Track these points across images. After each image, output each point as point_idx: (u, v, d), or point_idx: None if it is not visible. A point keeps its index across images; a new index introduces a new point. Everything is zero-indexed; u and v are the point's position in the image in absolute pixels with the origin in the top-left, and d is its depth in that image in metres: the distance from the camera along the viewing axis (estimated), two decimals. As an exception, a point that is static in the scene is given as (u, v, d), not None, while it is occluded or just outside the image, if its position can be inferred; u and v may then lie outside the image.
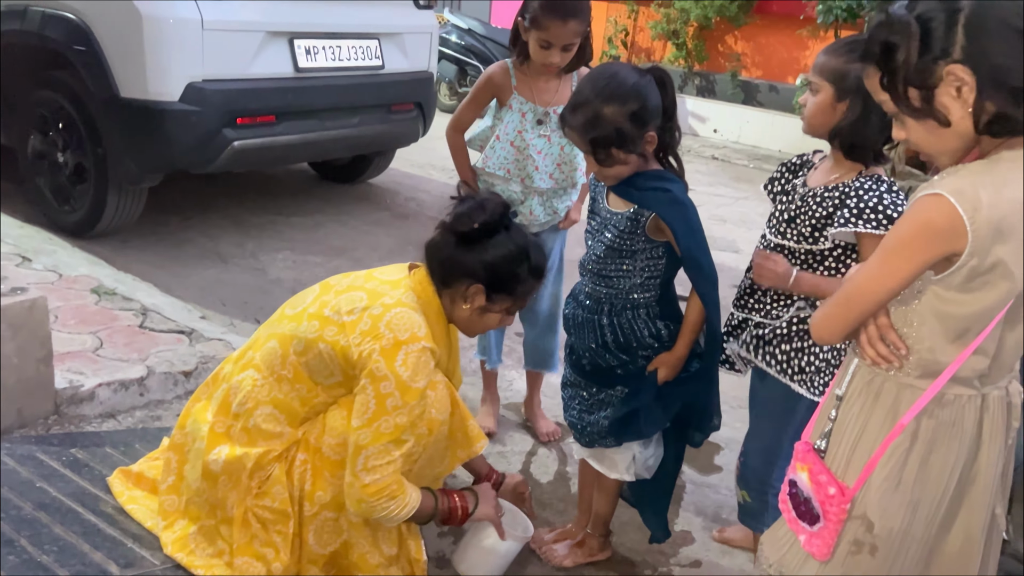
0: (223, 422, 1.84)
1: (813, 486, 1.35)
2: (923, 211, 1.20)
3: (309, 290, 1.92)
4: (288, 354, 1.80)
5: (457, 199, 1.86)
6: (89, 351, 2.71)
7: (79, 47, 3.63)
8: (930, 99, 1.20)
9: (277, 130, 3.96)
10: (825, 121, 1.77)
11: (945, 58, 1.16)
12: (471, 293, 1.82)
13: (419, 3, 4.66)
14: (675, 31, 8.95)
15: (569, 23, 2.28)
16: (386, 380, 1.70)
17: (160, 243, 4.12)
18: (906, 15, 1.18)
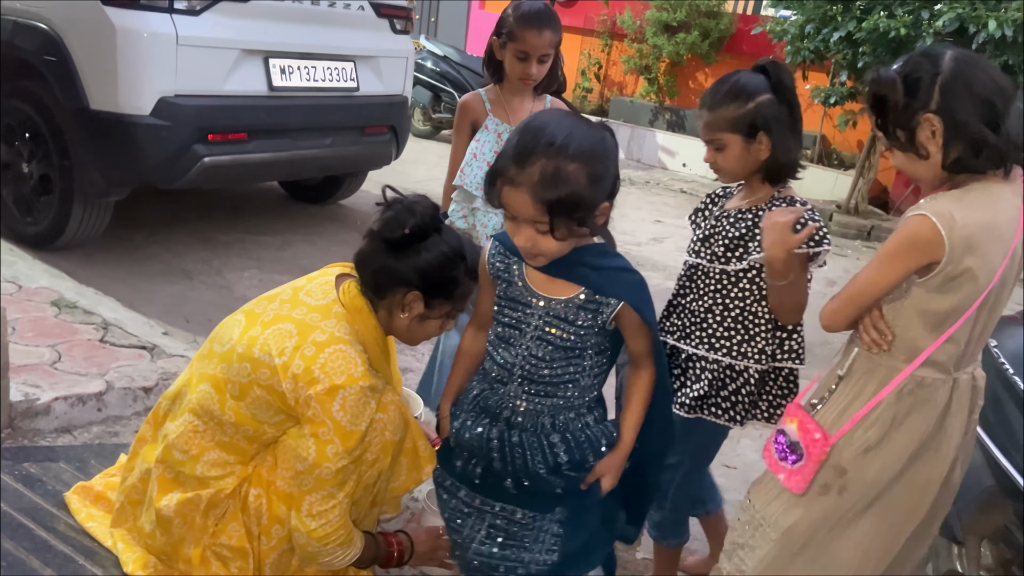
0: (171, 467, 1.78)
1: (800, 432, 1.63)
2: (912, 228, 1.50)
3: (234, 321, 1.81)
4: (225, 399, 1.72)
5: (384, 204, 1.75)
6: (46, 364, 2.66)
7: (50, 57, 3.60)
8: (912, 138, 1.52)
9: (248, 148, 3.95)
10: (745, 166, 1.82)
11: (924, 108, 1.48)
12: (408, 301, 1.73)
13: (396, 28, 4.70)
14: (647, 66, 9.12)
15: (544, 33, 2.35)
16: (324, 426, 1.64)
17: (125, 258, 4.06)
18: (892, 74, 1.52)
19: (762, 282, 1.81)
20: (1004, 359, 1.90)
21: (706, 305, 1.87)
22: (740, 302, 1.84)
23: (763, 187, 1.84)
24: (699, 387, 1.87)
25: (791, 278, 1.74)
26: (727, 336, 1.85)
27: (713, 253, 1.85)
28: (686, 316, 1.91)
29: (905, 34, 5.88)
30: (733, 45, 8.70)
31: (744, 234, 1.81)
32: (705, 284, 1.88)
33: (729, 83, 1.81)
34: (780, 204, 1.80)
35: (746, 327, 1.85)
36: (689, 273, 1.92)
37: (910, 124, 1.51)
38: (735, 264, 1.82)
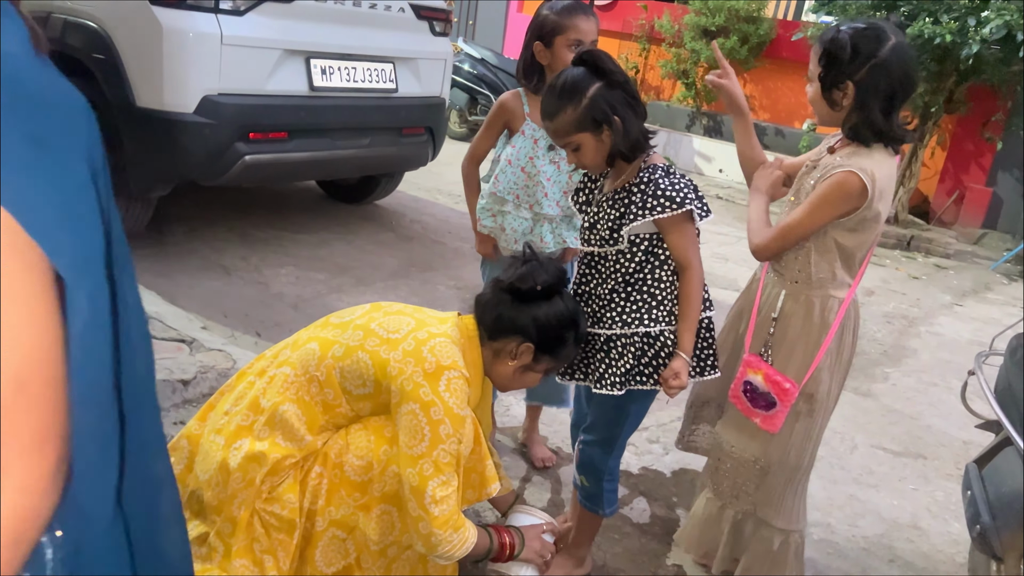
0: (248, 415, 1.83)
1: (769, 384, 2.00)
2: (843, 181, 1.84)
3: (359, 306, 1.95)
4: (326, 356, 1.81)
5: (519, 258, 1.93)
6: (89, 355, 2.71)
7: (98, 55, 3.68)
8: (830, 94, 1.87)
9: (288, 147, 4.00)
10: (603, 155, 1.92)
11: (850, 76, 1.83)
12: (521, 350, 1.88)
13: (435, 30, 4.73)
14: (685, 71, 9.06)
15: (591, 18, 2.41)
16: (435, 406, 1.71)
17: (165, 253, 4.14)
18: (846, 39, 1.81)
19: (655, 248, 1.93)
20: (1049, 373, 1.86)
21: (609, 286, 1.97)
22: (640, 273, 1.95)
23: (627, 165, 1.96)
24: (624, 363, 1.96)
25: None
26: (636, 308, 1.95)
27: (602, 238, 1.96)
28: (594, 302, 2.02)
29: (951, 41, 5.78)
30: (773, 51, 8.61)
31: (624, 212, 1.91)
32: (604, 267, 1.99)
33: (558, 87, 1.88)
34: (644, 175, 1.91)
35: (652, 294, 1.95)
36: (587, 261, 2.04)
37: (836, 81, 1.84)
38: (623, 242, 1.93)
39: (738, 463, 2.14)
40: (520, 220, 2.52)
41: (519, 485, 2.66)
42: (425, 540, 1.74)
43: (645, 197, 1.87)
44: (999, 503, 1.92)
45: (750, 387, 2.04)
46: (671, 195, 1.86)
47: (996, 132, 7.18)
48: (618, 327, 1.96)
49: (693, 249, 1.94)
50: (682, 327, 1.94)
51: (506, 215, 2.52)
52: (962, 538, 2.67)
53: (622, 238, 1.92)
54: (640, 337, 1.95)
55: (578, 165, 1.97)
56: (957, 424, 3.54)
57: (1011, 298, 5.87)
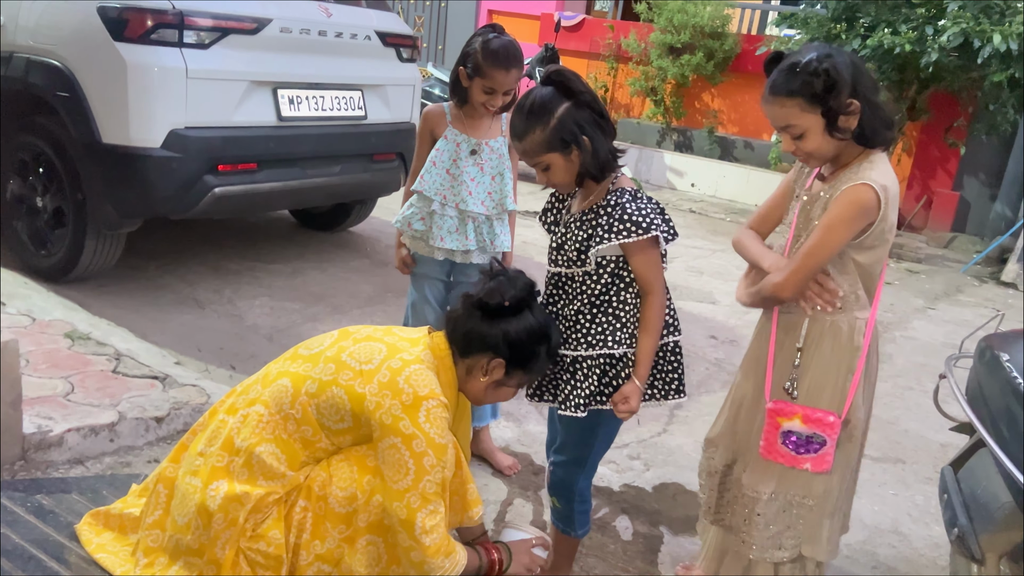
0: (224, 456, 1.80)
1: (810, 424, 1.90)
2: (856, 195, 1.78)
3: (327, 334, 1.92)
4: (299, 393, 1.79)
5: (488, 274, 1.93)
6: (59, 396, 2.67)
7: (62, 93, 3.66)
8: (836, 121, 1.80)
9: (258, 177, 3.99)
10: (573, 174, 1.92)
11: (850, 95, 1.77)
12: (492, 366, 1.88)
13: (402, 56, 4.75)
14: (653, 88, 9.15)
15: (512, 72, 2.48)
16: (417, 439, 1.71)
17: (137, 288, 4.10)
18: (835, 65, 1.76)
19: (621, 271, 1.93)
20: (1017, 373, 1.87)
21: (575, 307, 1.96)
22: (605, 295, 1.94)
23: (596, 185, 1.95)
24: (588, 384, 1.95)
25: None
26: (601, 330, 1.94)
27: (569, 259, 1.95)
28: (561, 322, 2.01)
29: (910, 50, 5.89)
30: (738, 65, 8.72)
31: (591, 234, 1.90)
32: (571, 288, 1.98)
33: (527, 108, 1.88)
34: (612, 198, 1.89)
35: (616, 316, 1.94)
36: (554, 281, 2.03)
37: (842, 109, 1.78)
38: (590, 264, 1.92)
39: (783, 506, 2.02)
40: (447, 219, 2.64)
41: (501, 509, 2.64)
42: (419, 568, 1.75)
43: (612, 220, 1.87)
44: (975, 505, 1.93)
45: (792, 435, 1.95)
46: (637, 220, 1.86)
47: (959, 137, 7.31)
48: (583, 348, 1.95)
49: (656, 274, 1.94)
50: (640, 352, 1.95)
51: (434, 215, 2.65)
52: (943, 541, 2.68)
53: (589, 260, 1.92)
54: (604, 358, 1.95)
55: (548, 184, 1.98)
56: (934, 427, 3.57)
57: (982, 299, 5.94)
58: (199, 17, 3.64)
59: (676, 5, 8.64)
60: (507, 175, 2.66)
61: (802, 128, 1.83)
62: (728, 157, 8.88)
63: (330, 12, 4.26)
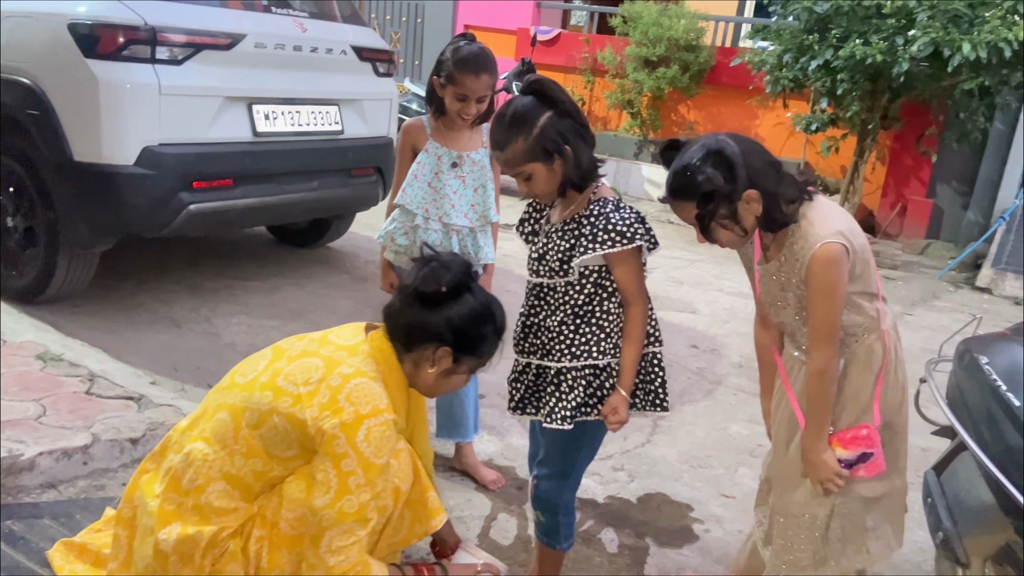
0: (173, 499, 1.74)
1: (852, 445, 1.87)
2: (832, 254, 1.74)
3: (260, 355, 1.83)
4: (240, 427, 1.71)
5: (420, 261, 1.81)
6: (31, 419, 2.62)
7: (32, 111, 3.60)
8: (736, 218, 1.77)
9: (234, 194, 3.94)
10: (555, 184, 1.90)
11: (740, 190, 1.73)
12: (439, 356, 1.79)
13: (378, 71, 4.74)
14: (630, 101, 9.20)
15: (482, 77, 2.48)
16: (348, 457, 1.64)
17: (112, 308, 4.04)
18: (711, 171, 1.72)
19: (603, 280, 1.92)
20: (996, 375, 1.88)
21: (559, 318, 1.95)
22: (588, 305, 1.93)
23: (577, 195, 1.94)
24: (573, 396, 1.94)
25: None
26: (585, 341, 1.93)
27: (551, 269, 1.93)
28: (543, 333, 1.99)
29: (881, 60, 5.96)
30: (713, 77, 8.80)
31: (574, 244, 1.89)
32: (553, 299, 1.96)
33: (508, 117, 1.85)
34: (595, 207, 1.90)
35: (600, 327, 1.93)
36: (535, 291, 2.01)
37: (734, 209, 1.75)
38: (573, 274, 1.90)
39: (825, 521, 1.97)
40: (431, 232, 2.62)
41: (484, 524, 2.61)
42: None
43: (595, 230, 1.85)
44: (959, 508, 1.93)
45: (843, 463, 1.90)
46: (621, 229, 1.85)
47: (931, 145, 7.41)
48: (567, 360, 1.94)
49: (639, 283, 1.93)
50: (624, 362, 1.94)
51: (417, 229, 2.63)
52: (927, 546, 2.68)
53: (572, 270, 1.90)
54: (589, 369, 1.94)
55: (528, 195, 1.95)
56: (915, 432, 3.56)
57: (959, 304, 6.00)
58: (172, 33, 3.61)
59: (651, 19, 8.71)
60: (489, 187, 2.66)
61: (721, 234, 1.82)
62: (705, 168, 8.93)
63: (305, 27, 4.24)
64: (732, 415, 3.67)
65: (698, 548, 2.62)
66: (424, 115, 2.68)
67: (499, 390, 2.97)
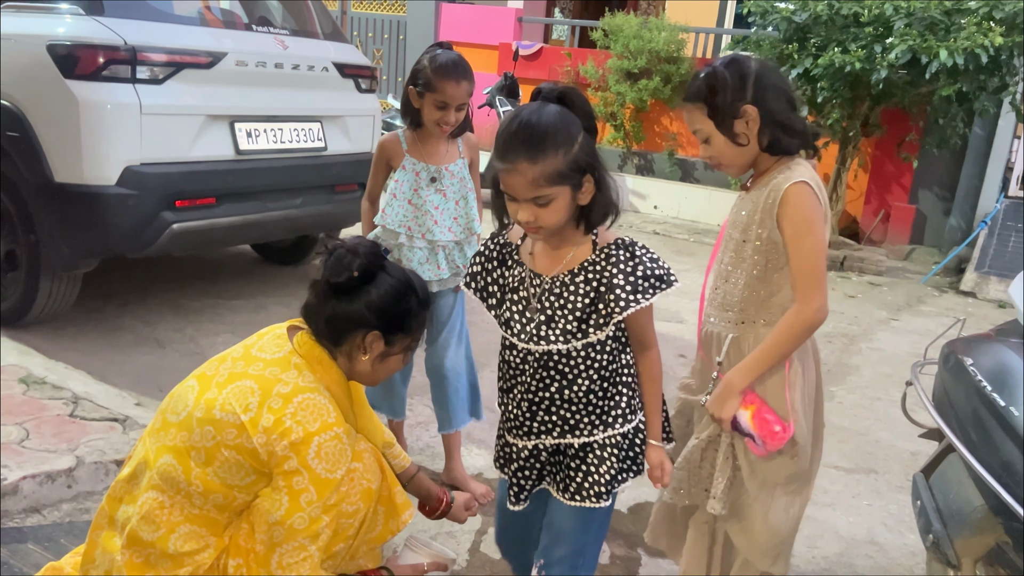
0: (139, 551, 1.69)
1: (757, 423, 1.80)
2: (804, 192, 1.74)
3: (186, 388, 1.73)
4: (190, 468, 1.65)
5: (325, 252, 1.73)
6: (14, 443, 2.58)
7: (12, 133, 3.58)
8: (731, 127, 1.79)
9: (217, 212, 3.93)
10: (567, 216, 1.63)
11: (743, 100, 1.76)
12: (369, 342, 1.72)
13: (361, 87, 4.75)
14: (613, 113, 9.25)
15: (462, 83, 2.47)
16: (299, 475, 1.60)
17: (95, 330, 4.00)
18: (723, 70, 1.78)
19: (618, 332, 1.70)
20: (982, 377, 1.89)
21: (584, 387, 1.70)
22: (613, 364, 1.72)
23: (576, 233, 1.67)
24: (607, 468, 1.73)
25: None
26: (615, 405, 1.74)
27: (567, 331, 1.65)
28: (563, 408, 1.72)
29: (860, 68, 6.03)
30: (695, 88, 8.86)
31: (599, 298, 1.64)
32: (571, 365, 1.68)
33: (542, 126, 1.54)
34: (618, 252, 1.65)
35: (626, 384, 1.76)
36: (544, 363, 1.69)
37: (734, 113, 1.77)
38: (599, 332, 1.65)
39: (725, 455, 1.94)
40: (416, 251, 2.60)
41: (475, 539, 2.59)
42: None
43: (633, 278, 1.62)
44: (948, 510, 1.93)
45: (737, 423, 1.86)
46: (660, 274, 1.64)
47: (912, 151, 7.48)
48: (599, 431, 1.73)
49: (653, 326, 1.76)
50: (650, 410, 1.78)
51: (402, 248, 2.61)
52: (919, 549, 2.68)
53: (599, 330, 1.65)
54: (623, 436, 1.76)
55: (528, 227, 1.63)
56: (903, 436, 3.59)
57: (944, 309, 6.04)
58: (152, 52, 3.60)
59: (631, 31, 8.77)
60: (471, 197, 2.65)
61: (705, 132, 1.84)
62: (689, 179, 8.98)
63: (286, 45, 4.25)
64: (721, 423, 3.66)
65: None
66: (401, 130, 2.66)
67: (488, 403, 2.95)
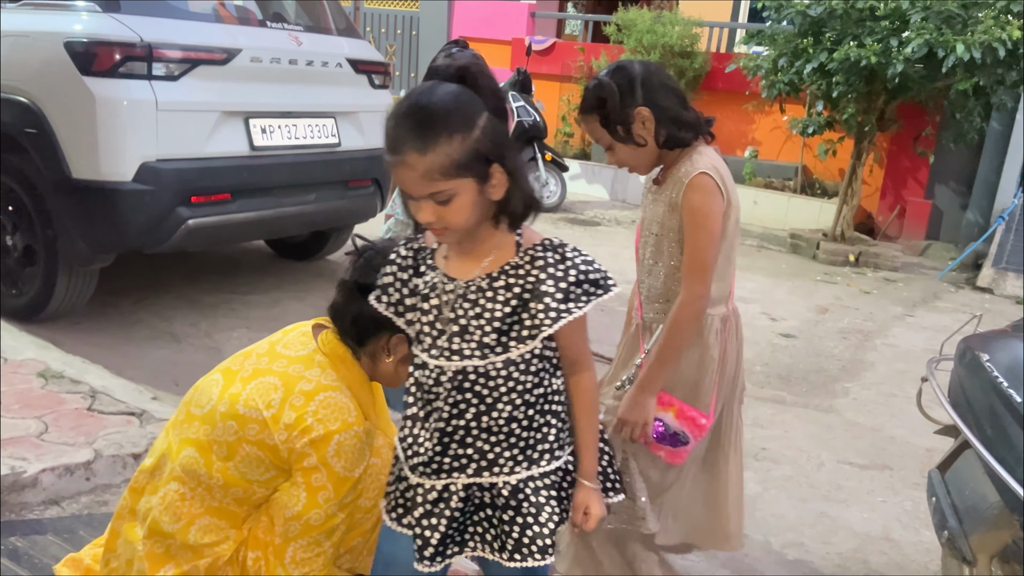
0: (160, 541, 1.72)
1: (682, 421, 1.90)
2: (706, 184, 1.82)
3: (210, 382, 1.76)
4: (212, 462, 1.68)
5: (355, 253, 1.74)
6: (33, 436, 2.61)
7: (30, 130, 3.61)
8: (629, 131, 1.86)
9: (232, 208, 3.95)
10: (475, 216, 1.35)
11: (635, 104, 1.84)
12: (393, 344, 1.72)
13: (374, 83, 4.76)
14: (626, 108, 9.23)
15: None
16: (317, 472, 1.63)
17: (112, 325, 4.04)
18: (609, 80, 1.85)
19: (546, 349, 1.43)
20: (998, 373, 1.88)
21: (505, 413, 1.42)
22: (539, 388, 1.44)
23: (497, 233, 1.40)
24: (548, 514, 1.43)
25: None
26: (543, 437, 1.45)
27: (484, 345, 1.39)
28: (479, 439, 1.43)
29: (876, 62, 5.98)
30: (709, 83, 8.82)
31: (517, 306, 1.38)
32: (493, 388, 1.41)
33: (431, 109, 1.28)
34: (542, 254, 1.39)
35: (555, 412, 1.48)
36: (459, 383, 1.42)
37: (626, 119, 1.84)
38: (522, 345, 1.39)
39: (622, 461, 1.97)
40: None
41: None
42: None
43: (563, 283, 1.36)
44: (964, 506, 1.93)
45: (661, 425, 1.91)
46: (595, 279, 1.39)
47: (928, 146, 7.42)
48: (523, 468, 1.44)
49: (587, 343, 1.48)
50: (583, 443, 1.49)
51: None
52: (934, 546, 2.67)
53: (518, 341, 1.39)
54: (556, 473, 1.48)
55: (434, 229, 1.36)
56: (919, 432, 3.57)
57: (960, 305, 6.00)
58: (168, 49, 3.63)
59: (645, 26, 8.74)
60: None
61: (607, 140, 1.90)
62: (703, 174, 8.94)
63: (300, 41, 4.26)
64: (735, 419, 3.66)
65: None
66: None
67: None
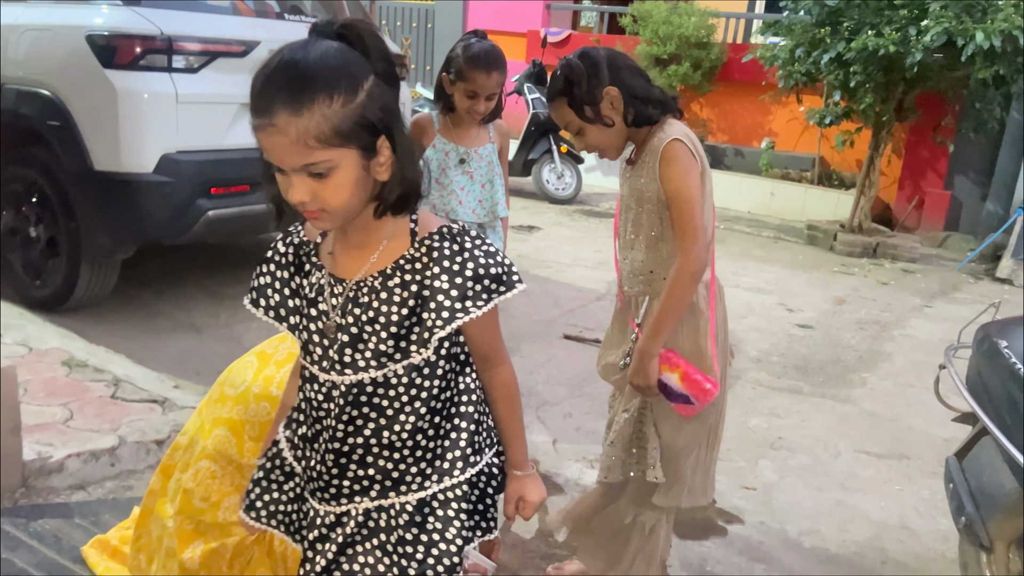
0: (191, 519, 1.75)
1: (687, 384, 1.89)
2: (678, 149, 1.84)
3: (245, 363, 1.79)
4: (244, 441, 1.71)
5: None
6: (59, 423, 2.66)
7: (53, 122, 3.67)
8: (598, 111, 1.89)
9: (251, 199, 3.98)
10: (361, 198, 1.17)
11: (602, 84, 1.87)
12: None
13: (391, 75, 4.77)
14: (642, 99, 9.22)
15: (492, 74, 2.49)
16: None
17: (133, 315, 4.09)
18: (576, 62, 1.89)
19: (453, 348, 1.29)
20: (1016, 359, 1.88)
21: (409, 425, 1.26)
22: (447, 392, 1.29)
23: (389, 222, 1.22)
24: (456, 528, 1.29)
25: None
26: (452, 444, 1.30)
27: (381, 354, 1.22)
28: (383, 457, 1.27)
29: (894, 51, 5.94)
30: (725, 74, 8.79)
31: (416, 305, 1.21)
32: (394, 398, 1.25)
33: (307, 63, 1.08)
34: (436, 245, 1.21)
35: (467, 415, 1.32)
36: (354, 398, 1.24)
37: (595, 100, 1.87)
38: (422, 352, 1.23)
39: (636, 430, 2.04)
40: None
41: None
42: None
43: (461, 280, 1.19)
44: (981, 493, 1.93)
45: (664, 386, 1.92)
46: (497, 273, 1.21)
47: (948, 136, 7.35)
48: (433, 483, 1.28)
49: (500, 336, 1.33)
50: (510, 434, 1.37)
51: None
52: (951, 534, 2.67)
53: (419, 346, 1.22)
54: (467, 482, 1.31)
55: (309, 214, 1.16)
56: (936, 422, 3.56)
57: (979, 296, 5.96)
58: (187, 42, 3.66)
59: (661, 17, 8.71)
60: (497, 182, 2.68)
61: (577, 124, 1.92)
62: (719, 165, 8.91)
63: (318, 33, 4.28)
64: (751, 409, 3.66)
65: (721, 540, 2.63)
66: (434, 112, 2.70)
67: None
